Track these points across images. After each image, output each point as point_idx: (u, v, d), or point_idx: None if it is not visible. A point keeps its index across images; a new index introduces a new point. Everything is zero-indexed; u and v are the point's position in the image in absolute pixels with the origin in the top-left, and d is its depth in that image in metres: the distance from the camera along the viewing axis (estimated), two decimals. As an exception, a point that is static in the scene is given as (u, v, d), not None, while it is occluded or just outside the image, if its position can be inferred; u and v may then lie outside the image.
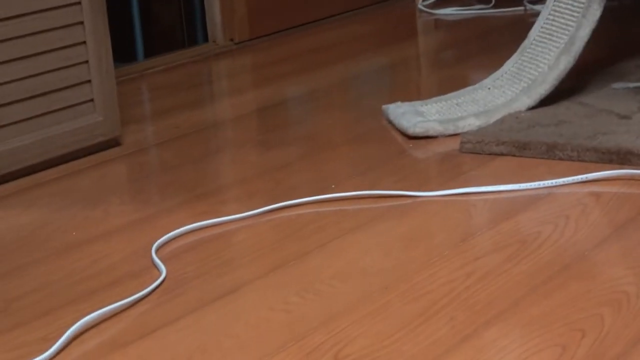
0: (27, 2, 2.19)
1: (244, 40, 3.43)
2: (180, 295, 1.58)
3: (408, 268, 1.60)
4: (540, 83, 2.31)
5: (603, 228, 1.71)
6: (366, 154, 2.22)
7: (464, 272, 1.57)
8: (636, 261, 1.57)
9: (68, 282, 1.67)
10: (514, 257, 1.61)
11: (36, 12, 2.21)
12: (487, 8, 3.70)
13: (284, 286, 1.58)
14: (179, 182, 2.13)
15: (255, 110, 2.71)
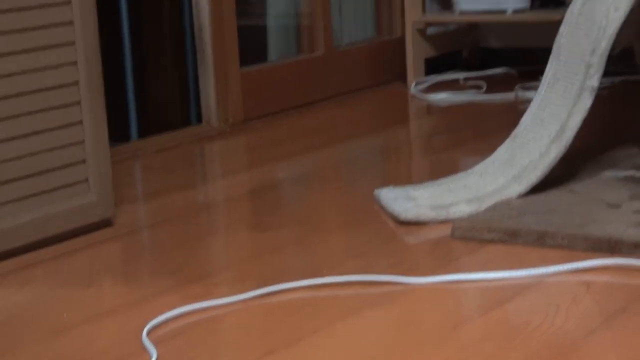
0: (26, 81, 2.21)
1: (238, 121, 3.46)
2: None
3: (400, 355, 1.60)
4: (531, 170, 2.33)
5: (594, 317, 1.71)
6: (358, 238, 2.24)
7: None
8: (627, 351, 1.57)
9: (59, 364, 1.67)
10: (505, 346, 1.61)
11: (35, 92, 2.23)
12: (479, 94, 3.74)
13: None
14: (171, 263, 2.14)
15: (248, 192, 2.72)
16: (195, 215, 2.51)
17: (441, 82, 3.95)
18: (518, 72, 3.97)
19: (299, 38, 3.96)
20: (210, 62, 3.41)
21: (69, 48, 2.29)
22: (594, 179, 2.41)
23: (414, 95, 3.80)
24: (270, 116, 3.56)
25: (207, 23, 3.40)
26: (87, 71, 2.31)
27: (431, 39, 4.07)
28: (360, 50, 4.00)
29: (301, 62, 3.79)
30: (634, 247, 1.96)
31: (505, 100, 3.61)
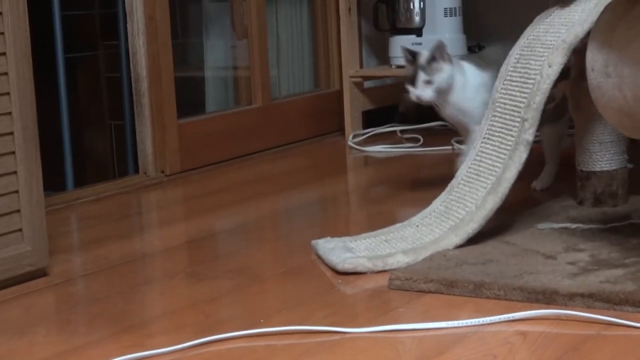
0: (-40, 131, 2.19)
1: (176, 172, 3.45)
2: None
3: (336, 405, 1.59)
4: (467, 222, 2.35)
5: (530, 367, 1.72)
6: (296, 288, 2.23)
7: (392, 410, 1.56)
8: (562, 401, 1.58)
9: (-10, 415, 1.64)
10: (442, 396, 1.61)
11: (-32, 141, 2.21)
12: (415, 146, 3.77)
13: (211, 422, 1.56)
14: (106, 313, 2.12)
15: (185, 242, 2.71)
16: (131, 265, 2.49)
17: (379, 135, 3.98)
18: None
19: (237, 90, 3.97)
20: (148, 112, 3.41)
21: (3, 98, 2.27)
22: (530, 230, 2.43)
23: (352, 147, 3.82)
24: (208, 167, 3.56)
25: (144, 74, 3.39)
26: (21, 121, 2.29)
27: (368, 92, 4.10)
28: (299, 103, 4.02)
29: (239, 113, 3.80)
30: (569, 298, 1.98)
31: (441, 153, 3.64)
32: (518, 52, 2.52)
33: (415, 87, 2.80)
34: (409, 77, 2.82)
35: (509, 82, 2.50)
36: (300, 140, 3.94)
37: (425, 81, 2.78)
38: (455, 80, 2.78)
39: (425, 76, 2.78)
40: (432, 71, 2.78)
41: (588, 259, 2.19)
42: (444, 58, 2.78)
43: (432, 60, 2.78)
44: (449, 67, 2.78)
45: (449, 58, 2.78)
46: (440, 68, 2.78)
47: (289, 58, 4.15)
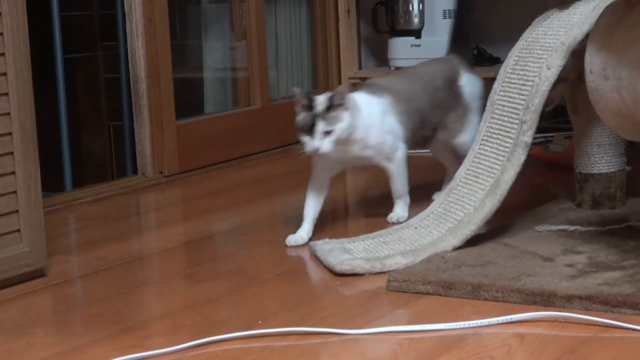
0: (-42, 131, 2.19)
1: (174, 173, 3.45)
2: None
3: (334, 407, 1.60)
4: (466, 224, 2.35)
5: (527, 369, 1.72)
6: (293, 290, 2.23)
7: (389, 412, 1.56)
8: (560, 403, 1.58)
9: (-13, 416, 1.64)
10: (440, 398, 1.61)
11: (-33, 141, 2.21)
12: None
13: (208, 423, 1.56)
14: (104, 314, 2.11)
15: (183, 243, 2.71)
16: (130, 266, 2.49)
17: (377, 137, 3.96)
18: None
19: (236, 91, 3.97)
20: (147, 113, 3.41)
21: (1, 99, 2.27)
22: (528, 232, 2.43)
23: (350, 149, 3.82)
24: (207, 168, 3.56)
25: (143, 75, 3.39)
26: (20, 122, 2.29)
27: (367, 94, 4.09)
28: (297, 104, 4.01)
29: (238, 115, 3.80)
30: (567, 300, 1.98)
31: (440, 155, 3.63)
32: (517, 54, 2.52)
33: (312, 138, 2.48)
34: (304, 126, 2.49)
35: (507, 84, 2.50)
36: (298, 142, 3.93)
37: (325, 132, 2.47)
38: (356, 123, 2.53)
39: (325, 125, 2.47)
40: (331, 120, 2.48)
41: (586, 261, 2.19)
42: (344, 105, 2.49)
43: (331, 107, 2.48)
44: (349, 114, 2.50)
45: (349, 104, 2.50)
46: (340, 117, 2.48)
47: (287, 59, 4.15)
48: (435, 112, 2.73)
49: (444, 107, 2.75)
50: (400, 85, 2.70)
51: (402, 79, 2.77)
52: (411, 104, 2.68)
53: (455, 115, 2.76)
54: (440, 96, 2.74)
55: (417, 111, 2.69)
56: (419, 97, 2.71)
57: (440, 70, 2.81)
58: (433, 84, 2.75)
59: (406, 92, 2.69)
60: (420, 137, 2.74)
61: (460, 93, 2.78)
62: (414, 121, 2.68)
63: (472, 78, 2.82)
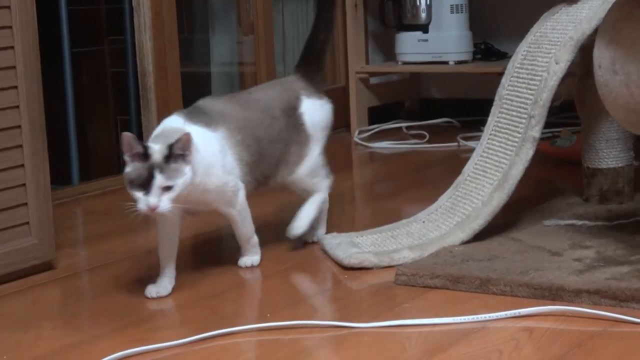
0: (-33, 124, 2.20)
1: (181, 167, 3.45)
2: (111, 423, 1.56)
3: (343, 400, 1.60)
4: (474, 218, 2.35)
5: (535, 363, 1.72)
6: (301, 283, 2.23)
7: (398, 405, 1.57)
8: (568, 397, 1.58)
9: (-4, 407, 1.64)
10: (448, 391, 1.61)
11: (-25, 134, 2.21)
12: (421, 143, 3.77)
13: (217, 416, 1.56)
14: (112, 307, 2.12)
15: (190, 237, 2.71)
16: (137, 260, 2.49)
17: (384, 131, 3.98)
18: (459, 123, 4.01)
19: (243, 85, 3.97)
20: (154, 107, 3.41)
21: (10, 92, 2.27)
22: (536, 227, 2.43)
23: (358, 143, 3.83)
24: (213, 162, 3.55)
25: (151, 69, 3.40)
26: (29, 115, 2.30)
27: (374, 88, 4.10)
28: (304, 98, 4.01)
29: (245, 109, 3.79)
30: (575, 295, 1.97)
31: (447, 149, 3.64)
32: (525, 48, 2.52)
33: (148, 194, 2.05)
34: (137, 179, 2.06)
35: (515, 78, 2.49)
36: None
37: (164, 187, 2.06)
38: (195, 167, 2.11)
39: (164, 180, 2.05)
40: (172, 173, 2.06)
41: (594, 255, 2.19)
42: (186, 156, 2.07)
43: (170, 157, 2.06)
44: (190, 167, 2.08)
45: (191, 156, 2.08)
46: (182, 170, 2.06)
47: (294, 54, 4.14)
48: (275, 147, 2.33)
49: (285, 140, 2.35)
50: (234, 112, 2.27)
51: (236, 105, 2.30)
52: (248, 134, 2.26)
53: (296, 149, 2.38)
54: (280, 127, 2.34)
55: (255, 142, 2.28)
56: (256, 126, 2.29)
57: (278, 96, 2.38)
58: (271, 112, 2.34)
59: (241, 119, 2.27)
60: (260, 174, 2.31)
61: (302, 122, 2.39)
62: (252, 153, 2.27)
63: (315, 104, 2.43)
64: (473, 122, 3.83)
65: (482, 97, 3.98)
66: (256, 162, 2.28)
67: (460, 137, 3.69)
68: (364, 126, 4.01)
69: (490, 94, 2.62)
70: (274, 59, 3.88)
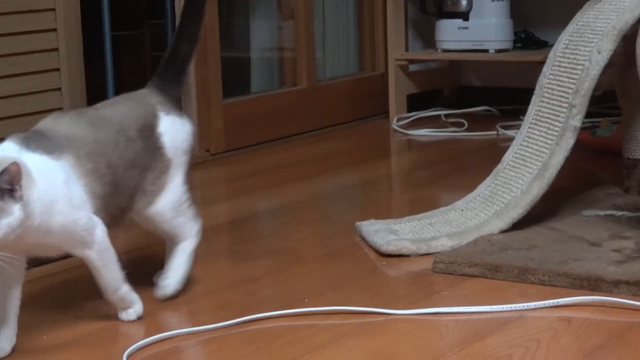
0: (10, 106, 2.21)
1: (220, 151, 3.46)
2: (150, 404, 1.57)
3: (380, 386, 1.60)
4: (513, 207, 2.34)
5: (573, 354, 1.72)
6: (338, 269, 2.24)
7: (435, 392, 1.57)
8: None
9: (36, 386, 1.66)
10: (485, 379, 1.61)
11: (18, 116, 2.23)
12: (460, 131, 3.76)
13: (255, 399, 1.57)
14: (150, 289, 2.13)
15: (228, 221, 2.72)
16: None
17: (423, 119, 3.97)
18: (499, 111, 4.00)
19: (282, 71, 3.97)
20: (194, 92, 3.42)
21: (53, 74, 2.29)
22: (575, 217, 2.42)
23: (396, 130, 3.82)
24: (252, 147, 3.57)
25: (191, 53, 3.40)
26: (71, 98, 2.32)
27: (413, 76, 4.09)
28: (343, 85, 4.02)
29: (284, 95, 3.80)
30: (614, 285, 1.97)
31: (486, 138, 3.63)
32: (567, 37, 2.50)
33: None
34: None
35: (557, 67, 2.48)
36: (344, 122, 3.94)
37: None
38: (31, 203, 1.73)
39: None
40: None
41: (633, 246, 2.18)
42: (15, 192, 1.70)
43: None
44: (20, 205, 1.71)
45: (20, 192, 1.71)
46: (7, 209, 1.69)
47: (334, 40, 4.14)
48: (131, 174, 1.95)
49: (141, 165, 1.97)
50: (83, 134, 1.89)
51: (85, 125, 1.91)
52: (100, 160, 1.89)
53: (154, 176, 2.00)
54: (136, 150, 1.96)
55: (109, 169, 1.90)
56: (110, 151, 1.92)
57: (133, 113, 2.00)
58: (126, 133, 1.96)
59: (91, 142, 1.89)
60: (116, 207, 1.94)
61: (160, 144, 2.01)
62: (106, 183, 1.89)
63: (175, 123, 2.04)
64: (512, 111, 3.81)
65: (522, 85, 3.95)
66: (111, 193, 1.90)
67: (499, 125, 3.68)
68: (403, 113, 4.00)
69: (529, 82, 2.61)
70: (313, 45, 3.88)
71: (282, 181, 3.13)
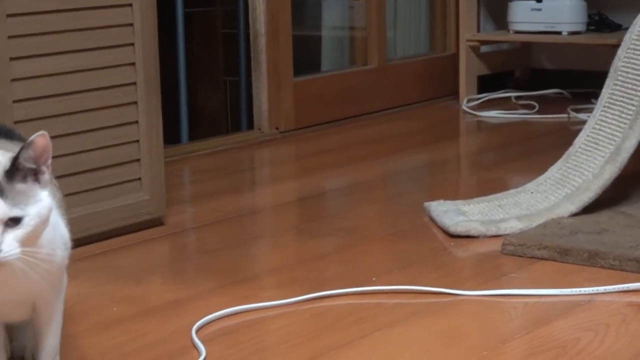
0: (85, 79, 2.24)
1: (290, 129, 3.47)
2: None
3: (447, 366, 1.60)
4: (584, 191, 2.32)
5: (643, 339, 1.70)
6: (406, 249, 2.24)
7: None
8: (676, 374, 1.56)
9: (107, 357, 1.68)
10: (553, 362, 1.61)
11: (93, 90, 2.25)
12: (530, 113, 3.73)
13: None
14: (219, 265, 2.15)
15: (296, 199, 2.73)
16: (243, 220, 2.53)
17: (493, 100, 3.94)
18: (570, 94, 3.96)
19: (352, 50, 3.97)
20: (265, 69, 3.43)
21: (127, 49, 2.31)
22: (647, 202, 2.40)
23: (466, 111, 3.80)
24: (322, 126, 3.57)
25: (263, 30, 3.41)
26: (145, 72, 2.33)
27: (484, 57, 4.06)
28: (414, 65, 4.00)
29: (354, 74, 3.80)
30: (686, 272, 1.95)
31: (557, 121, 3.59)
32: (643, 20, 2.47)
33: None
34: None
35: (632, 50, 2.45)
36: (413, 103, 3.93)
37: (10, 219, 1.34)
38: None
39: (8, 207, 1.34)
40: (19, 198, 1.36)
41: None
42: (41, 172, 1.38)
43: (15, 173, 1.36)
44: (47, 191, 1.39)
45: (49, 171, 1.39)
46: (35, 193, 1.37)
47: (405, 19, 4.13)
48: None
49: None
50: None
51: None
52: None
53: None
54: None
55: None
56: None
57: None
58: None
59: None
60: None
61: None
62: None
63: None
64: (584, 94, 3.77)
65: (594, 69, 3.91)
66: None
67: (570, 108, 3.64)
68: (473, 94, 3.98)
69: (602, 66, 2.58)
70: (384, 25, 3.87)
71: (350, 160, 3.14)
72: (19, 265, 1.35)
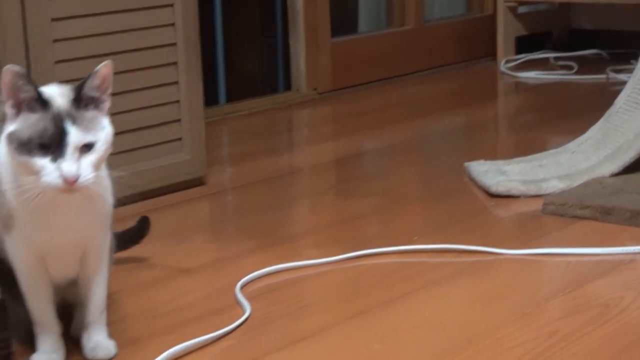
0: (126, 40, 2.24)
1: (327, 90, 3.47)
2: (264, 334, 1.60)
3: (490, 323, 1.61)
4: (625, 150, 2.31)
5: (687, 298, 1.70)
6: (446, 209, 2.23)
7: (546, 332, 1.57)
8: None
9: (152, 314, 1.70)
10: (597, 320, 1.61)
11: (133, 51, 2.26)
12: (569, 74, 3.71)
13: (366, 332, 1.59)
14: (260, 224, 2.16)
15: (334, 160, 2.73)
16: (282, 180, 2.53)
17: (531, 61, 3.92)
18: (609, 55, 3.93)
19: (390, 11, 3.95)
20: (302, 30, 3.43)
21: (166, 10, 2.31)
22: (689, 162, 2.38)
23: (504, 73, 3.78)
24: (359, 87, 3.57)
25: (300, -9, 3.41)
26: (184, 33, 2.34)
27: (522, 17, 4.04)
28: (451, 26, 3.98)
29: (391, 35, 3.79)
30: None
31: (595, 81, 3.57)
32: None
33: (60, 159, 1.37)
34: (38, 139, 1.37)
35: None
36: (451, 64, 3.92)
37: (83, 145, 1.39)
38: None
39: (82, 134, 1.39)
40: (90, 124, 1.41)
41: None
42: (102, 100, 1.44)
43: (81, 101, 1.42)
44: (109, 120, 1.45)
45: (109, 100, 1.46)
46: (100, 121, 1.42)
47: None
48: None
49: None
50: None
51: None
52: None
53: None
54: None
55: None
56: None
57: None
58: None
59: None
60: None
61: None
62: None
63: None
64: (623, 55, 3.74)
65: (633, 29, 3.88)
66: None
67: (609, 69, 3.62)
68: (511, 55, 3.96)
69: None
70: (423, -17, 3.85)
71: (387, 121, 3.13)
72: (93, 188, 1.42)
